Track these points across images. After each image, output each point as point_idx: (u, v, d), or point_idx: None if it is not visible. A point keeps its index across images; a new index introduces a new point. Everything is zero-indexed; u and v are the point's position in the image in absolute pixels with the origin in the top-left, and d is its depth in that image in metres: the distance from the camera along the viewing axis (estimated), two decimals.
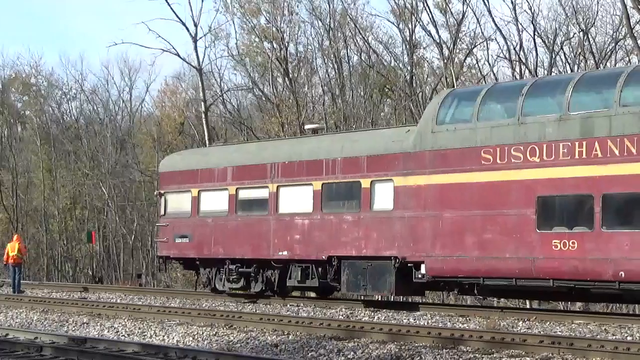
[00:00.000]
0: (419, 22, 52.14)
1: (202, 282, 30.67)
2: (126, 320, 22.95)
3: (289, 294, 28.87)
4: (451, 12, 51.40)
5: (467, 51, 52.08)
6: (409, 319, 22.34)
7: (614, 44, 48.08)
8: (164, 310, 24.60)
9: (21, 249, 35.38)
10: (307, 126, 32.62)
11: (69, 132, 73.18)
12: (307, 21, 55.21)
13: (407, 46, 52.80)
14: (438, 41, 51.45)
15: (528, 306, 35.37)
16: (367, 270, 24.96)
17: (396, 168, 24.35)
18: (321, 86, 55.89)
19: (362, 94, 54.87)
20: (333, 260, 25.80)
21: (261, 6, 55.05)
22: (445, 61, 50.05)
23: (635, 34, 42.18)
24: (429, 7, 51.39)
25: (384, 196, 24.70)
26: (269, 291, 28.19)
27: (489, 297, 25.39)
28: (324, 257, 25.95)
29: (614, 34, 48.05)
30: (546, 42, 49.57)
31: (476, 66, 52.68)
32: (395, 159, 24.44)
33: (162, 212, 31.01)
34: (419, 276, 23.89)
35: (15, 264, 34.95)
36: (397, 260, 24.19)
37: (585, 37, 48.05)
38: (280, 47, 54.37)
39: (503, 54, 50.27)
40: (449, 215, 23.13)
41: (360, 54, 54.92)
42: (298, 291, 31.25)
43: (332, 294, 29.64)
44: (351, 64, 55.45)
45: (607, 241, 20.29)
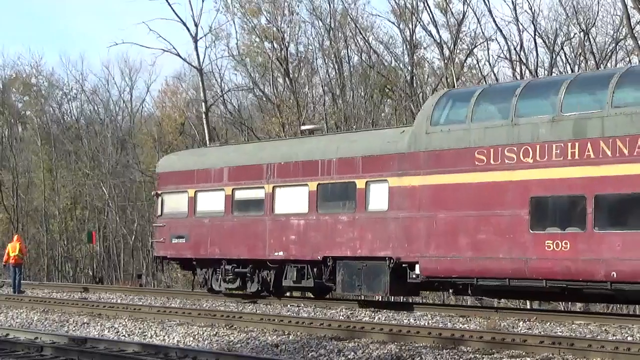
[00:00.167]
0: (419, 22, 52.20)
1: (198, 282, 30.73)
2: (126, 321, 22.97)
3: (285, 294, 28.96)
4: (452, 12, 51.43)
5: (468, 51, 52.07)
6: (409, 320, 22.33)
7: (614, 44, 48.11)
8: (165, 310, 24.58)
9: (22, 249, 35.36)
10: (303, 127, 32.64)
11: (70, 132, 73.23)
12: (308, 21, 55.31)
13: (408, 46, 52.79)
14: (438, 41, 51.49)
15: (528, 307, 35.39)
16: (362, 270, 25.00)
17: (391, 169, 24.40)
18: (322, 86, 55.87)
19: (362, 94, 54.80)
20: (328, 260, 25.81)
21: (262, 6, 55.13)
22: (446, 61, 50.05)
23: (636, 34, 42.19)
24: (429, 7, 51.53)
25: (378, 197, 24.73)
26: (265, 291, 28.22)
27: (482, 297, 25.53)
28: (319, 258, 25.98)
29: (615, 34, 48.09)
30: (547, 42, 49.62)
31: (477, 66, 52.71)
32: (390, 159, 24.48)
33: (159, 212, 30.98)
34: (413, 276, 23.94)
35: (15, 264, 34.88)
36: (392, 261, 24.22)
37: (585, 38, 48.04)
38: (281, 47, 54.40)
39: (503, 54, 50.36)
40: (443, 215, 23.19)
41: (361, 54, 54.98)
42: (298, 292, 31.29)
43: (328, 294, 29.65)
44: (352, 64, 55.55)
45: (599, 242, 20.38)
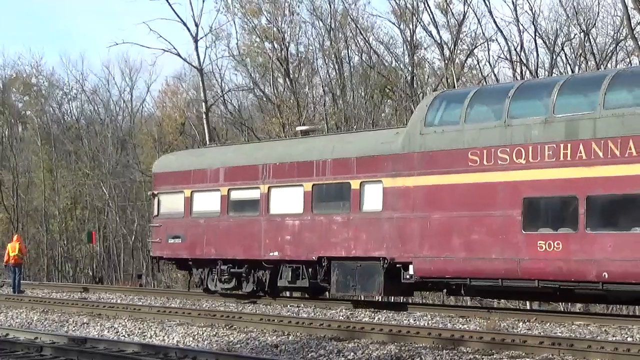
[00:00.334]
0: (419, 23, 52.16)
1: (194, 282, 30.73)
2: (126, 321, 22.98)
3: (280, 295, 28.96)
4: (452, 13, 51.37)
5: (468, 52, 52.01)
6: (409, 320, 22.33)
7: (614, 45, 48.06)
8: (164, 310, 24.59)
9: (22, 249, 35.38)
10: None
11: (70, 132, 73.27)
12: (308, 21, 55.24)
13: (408, 47, 52.73)
14: (439, 42, 51.44)
15: (528, 307, 35.37)
16: (357, 270, 25.04)
17: (385, 169, 24.44)
18: (322, 87, 55.78)
19: (362, 94, 54.74)
20: (323, 260, 25.85)
21: (262, 6, 55.07)
22: (446, 62, 49.99)
23: (636, 35, 42.12)
24: (429, 7, 51.46)
25: (373, 197, 24.78)
26: (260, 291, 28.23)
27: (480, 298, 25.52)
28: (314, 258, 26.02)
29: (615, 34, 48.03)
30: (547, 43, 49.58)
31: (477, 67, 52.64)
32: (384, 160, 24.53)
33: (155, 212, 31.08)
34: (407, 277, 24.00)
35: (15, 264, 34.93)
36: (386, 261, 24.27)
37: (586, 38, 48.01)
38: (281, 47, 54.37)
39: (504, 54, 50.32)
40: (436, 216, 23.25)
41: (361, 54, 54.93)
42: (298, 292, 31.26)
43: (323, 295, 29.66)
44: (352, 64, 55.45)
45: (591, 242, 20.46)
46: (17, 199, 69.28)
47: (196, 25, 51.30)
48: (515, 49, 49.13)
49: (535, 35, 49.22)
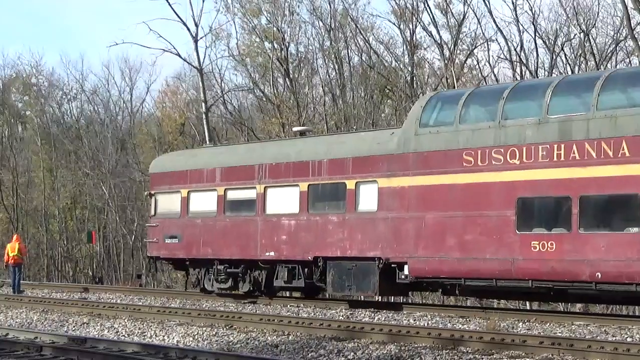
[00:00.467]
0: (419, 23, 52.23)
1: (191, 282, 30.80)
2: (126, 321, 23.03)
3: (276, 295, 29.02)
4: (452, 13, 51.48)
5: (468, 52, 52.02)
6: (409, 320, 22.34)
7: (614, 45, 48.06)
8: (164, 310, 24.63)
9: (21, 249, 35.37)
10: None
11: (70, 132, 73.21)
12: (308, 21, 55.28)
13: (408, 47, 52.73)
14: (439, 42, 51.52)
15: (528, 307, 35.39)
16: (352, 270, 25.11)
17: (380, 170, 24.53)
18: (322, 87, 55.76)
19: (362, 94, 54.67)
20: (319, 260, 25.93)
21: (262, 6, 55.07)
22: (446, 62, 49.99)
23: (636, 35, 42.11)
24: (429, 7, 51.49)
25: (368, 197, 24.86)
26: (257, 291, 28.28)
27: (475, 297, 25.73)
28: (309, 258, 26.09)
29: (615, 35, 48.03)
30: (547, 43, 49.60)
31: (477, 67, 52.64)
32: (379, 160, 24.62)
33: (152, 212, 31.18)
34: (402, 277, 24.08)
35: (15, 264, 34.91)
36: (381, 261, 24.36)
37: (586, 38, 48.01)
38: (281, 47, 54.41)
39: (504, 54, 50.37)
40: (431, 216, 23.34)
41: (361, 54, 54.96)
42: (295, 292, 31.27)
43: (319, 295, 29.69)
44: (352, 64, 55.46)
45: (584, 242, 20.55)
46: (17, 198, 69.26)
47: (196, 25, 51.44)
48: (515, 49, 49.29)
49: (535, 36, 49.37)
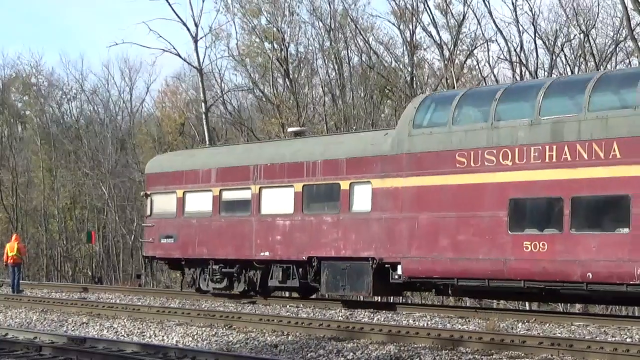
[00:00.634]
0: (419, 23, 52.20)
1: (187, 282, 30.85)
2: (125, 321, 23.06)
3: (271, 295, 29.08)
4: (452, 13, 51.40)
5: (468, 52, 51.95)
6: (408, 320, 22.37)
7: (614, 45, 48.00)
8: (164, 310, 24.67)
9: (20, 248, 35.30)
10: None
11: (69, 132, 73.18)
12: (308, 22, 55.23)
13: (408, 47, 52.70)
14: (439, 42, 51.45)
15: (527, 308, 35.43)
16: (346, 270, 25.21)
17: (374, 170, 24.63)
18: (321, 87, 55.80)
19: (362, 95, 54.68)
20: (313, 260, 26.03)
21: (262, 6, 55.03)
22: (446, 62, 49.94)
23: (636, 36, 42.03)
24: (429, 8, 51.43)
25: (362, 198, 24.98)
26: (252, 291, 28.34)
27: (463, 297, 25.91)
28: (304, 258, 26.19)
29: (615, 35, 48.00)
30: (547, 43, 49.55)
31: (477, 67, 52.58)
32: (373, 161, 24.72)
33: (148, 212, 31.32)
34: (396, 277, 24.18)
35: (14, 264, 34.90)
36: (375, 261, 24.46)
37: (585, 39, 47.94)
38: (281, 47, 54.38)
39: (504, 55, 50.32)
40: (424, 217, 23.44)
41: (361, 54, 54.93)
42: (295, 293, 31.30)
43: (313, 295, 29.90)
44: (352, 64, 55.42)
45: (576, 243, 20.66)
46: (17, 198, 69.30)
47: (196, 25, 51.50)
48: (515, 50, 49.28)
49: (535, 36, 49.33)
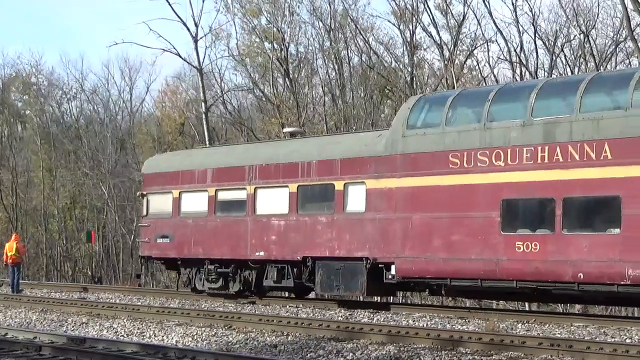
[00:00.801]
0: (419, 24, 52.19)
1: (182, 281, 30.94)
2: (125, 321, 23.08)
3: (266, 294, 29.10)
4: (452, 14, 51.39)
5: (468, 53, 51.91)
6: (408, 321, 22.38)
7: (614, 46, 48.03)
8: (163, 310, 24.69)
9: (19, 248, 35.25)
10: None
11: (69, 132, 73.23)
12: (308, 22, 55.21)
13: (408, 47, 52.67)
14: (439, 42, 51.43)
15: (527, 308, 35.45)
16: (340, 270, 25.28)
17: (368, 171, 24.68)
18: (321, 87, 55.77)
19: (362, 95, 54.68)
20: (308, 260, 26.08)
21: (262, 7, 55.02)
22: (446, 62, 49.92)
23: (636, 36, 41.99)
24: (429, 8, 51.40)
25: (356, 198, 25.02)
26: (247, 291, 28.37)
27: (455, 297, 26.00)
28: (299, 258, 26.24)
29: (615, 36, 48.06)
30: (547, 44, 49.54)
31: (477, 68, 52.58)
32: (367, 162, 24.77)
33: (144, 212, 31.39)
34: (389, 277, 24.25)
35: (13, 264, 34.92)
36: (369, 261, 24.51)
37: (585, 40, 47.94)
38: (281, 47, 54.36)
39: (504, 55, 50.33)
40: (418, 217, 23.50)
41: (361, 55, 54.93)
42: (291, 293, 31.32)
43: (308, 295, 29.97)
44: (352, 64, 55.43)
45: (567, 243, 20.73)
46: (16, 198, 69.38)
47: (196, 25, 51.55)
48: (515, 50, 49.31)
49: (535, 37, 49.32)
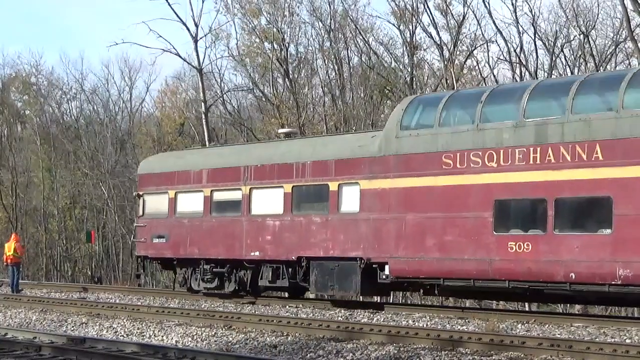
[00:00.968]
0: (419, 24, 52.23)
1: (178, 281, 31.02)
2: (125, 321, 23.08)
3: (261, 294, 29.13)
4: (452, 14, 51.40)
5: (468, 53, 51.91)
6: (407, 321, 22.38)
7: (614, 46, 48.01)
8: (163, 310, 24.69)
9: (17, 248, 35.13)
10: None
11: (69, 132, 73.22)
12: (308, 22, 55.23)
13: (408, 47, 52.65)
14: (438, 43, 51.40)
15: (527, 309, 35.47)
16: (335, 270, 25.33)
17: (362, 172, 24.73)
18: (321, 87, 55.88)
19: (362, 95, 54.70)
20: (302, 260, 26.14)
21: (262, 7, 55.02)
22: (446, 63, 49.91)
23: (636, 37, 42.03)
24: (429, 8, 51.38)
25: (350, 199, 25.05)
26: (242, 291, 28.40)
27: (449, 297, 26.05)
28: (293, 258, 26.28)
29: (615, 36, 48.10)
30: (547, 44, 49.54)
31: (476, 68, 52.55)
32: (361, 163, 24.82)
33: (140, 212, 31.51)
34: (383, 277, 24.30)
35: (13, 264, 34.89)
36: (363, 261, 24.55)
37: (585, 40, 47.95)
38: (281, 47, 54.39)
39: (503, 56, 50.34)
40: (411, 217, 23.54)
41: (361, 55, 55.00)
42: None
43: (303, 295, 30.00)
44: (351, 65, 55.48)
45: (559, 244, 20.80)
46: (16, 198, 69.36)
47: (196, 26, 51.65)
48: (515, 51, 49.32)
49: (534, 37, 49.32)
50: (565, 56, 49.78)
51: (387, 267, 24.02)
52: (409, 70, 52.60)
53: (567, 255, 20.57)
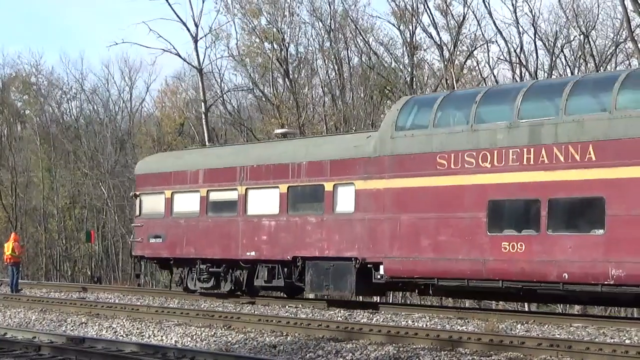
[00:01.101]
0: (419, 24, 52.21)
1: (175, 281, 31.22)
2: (124, 320, 23.12)
3: (257, 294, 29.19)
4: (452, 14, 51.39)
5: (468, 53, 51.89)
6: (407, 321, 22.40)
7: (614, 47, 48.00)
8: (163, 310, 24.72)
9: (15, 248, 35.10)
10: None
11: (69, 132, 73.33)
12: (308, 22, 55.22)
13: (408, 48, 52.64)
14: (439, 43, 51.35)
15: (526, 309, 35.50)
16: (330, 270, 25.40)
17: (357, 172, 24.80)
18: (321, 87, 55.87)
19: (362, 95, 54.71)
20: (298, 260, 26.21)
21: (262, 7, 55.02)
22: (446, 63, 49.90)
23: (636, 37, 41.99)
24: (429, 9, 51.35)
25: (346, 199, 25.15)
26: (238, 291, 28.48)
27: (443, 297, 26.21)
28: (289, 258, 26.37)
29: (615, 37, 48.10)
30: (547, 44, 49.50)
31: (477, 68, 52.53)
32: (356, 163, 24.91)
33: (137, 212, 31.60)
34: (378, 277, 24.37)
35: (12, 264, 34.93)
36: (358, 261, 24.64)
37: (585, 40, 47.94)
38: (281, 48, 54.38)
39: (503, 56, 50.33)
40: (406, 218, 23.61)
41: (361, 55, 55.00)
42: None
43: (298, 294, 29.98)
44: (351, 65, 55.49)
45: (552, 244, 20.88)
46: (16, 198, 69.43)
47: (196, 26, 51.67)
48: (515, 51, 49.29)
49: (535, 37, 49.29)
50: (565, 56, 49.90)
51: (381, 267, 24.10)
52: (409, 70, 52.62)
53: (560, 256, 20.66)
